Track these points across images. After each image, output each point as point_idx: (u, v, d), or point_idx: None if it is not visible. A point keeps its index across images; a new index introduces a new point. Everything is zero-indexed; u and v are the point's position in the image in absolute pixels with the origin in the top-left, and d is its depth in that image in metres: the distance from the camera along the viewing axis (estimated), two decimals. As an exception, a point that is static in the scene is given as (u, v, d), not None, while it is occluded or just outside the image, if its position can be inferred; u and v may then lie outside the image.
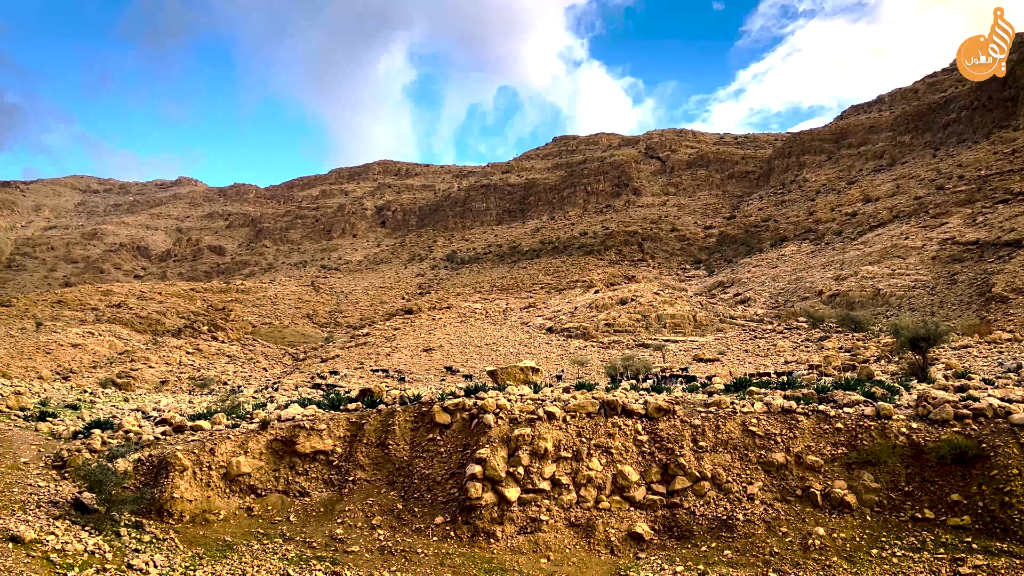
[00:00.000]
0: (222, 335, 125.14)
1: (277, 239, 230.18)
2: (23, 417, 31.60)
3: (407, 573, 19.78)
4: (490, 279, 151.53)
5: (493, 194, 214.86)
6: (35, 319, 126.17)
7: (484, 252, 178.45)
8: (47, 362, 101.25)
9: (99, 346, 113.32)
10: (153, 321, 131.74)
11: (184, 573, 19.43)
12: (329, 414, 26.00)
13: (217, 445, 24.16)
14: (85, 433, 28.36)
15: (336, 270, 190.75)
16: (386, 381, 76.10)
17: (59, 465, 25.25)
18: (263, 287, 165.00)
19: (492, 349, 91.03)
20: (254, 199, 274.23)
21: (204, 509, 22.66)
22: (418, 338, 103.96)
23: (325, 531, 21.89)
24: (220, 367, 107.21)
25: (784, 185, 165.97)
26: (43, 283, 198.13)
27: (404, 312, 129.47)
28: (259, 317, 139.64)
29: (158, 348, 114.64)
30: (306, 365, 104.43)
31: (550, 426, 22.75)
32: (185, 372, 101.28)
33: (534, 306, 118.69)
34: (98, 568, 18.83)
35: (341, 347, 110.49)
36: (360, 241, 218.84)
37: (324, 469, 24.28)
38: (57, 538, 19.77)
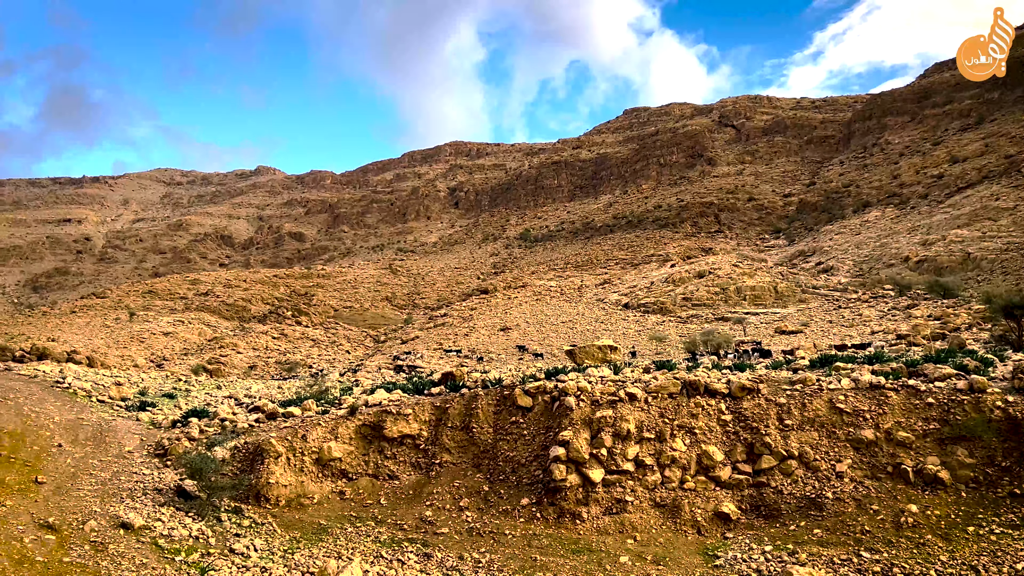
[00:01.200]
0: (305, 319, 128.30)
1: (354, 224, 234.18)
2: (125, 407, 33.16)
3: (496, 554, 20.21)
4: (564, 256, 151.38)
5: (564, 170, 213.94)
6: (128, 309, 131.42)
7: (557, 229, 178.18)
8: (141, 350, 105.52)
9: (189, 334, 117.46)
10: (239, 308, 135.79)
11: (283, 556, 20.26)
12: (414, 399, 26.60)
13: (309, 431, 25.01)
14: (183, 422, 29.64)
15: (412, 252, 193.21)
16: (465, 362, 77.05)
17: (161, 453, 26.51)
18: (343, 271, 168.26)
19: (568, 327, 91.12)
20: (330, 185, 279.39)
21: (299, 494, 23.52)
22: (494, 317, 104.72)
23: (415, 513, 22.49)
24: (305, 351, 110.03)
25: (866, 148, 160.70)
26: (134, 274, 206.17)
27: (480, 292, 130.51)
28: (340, 301, 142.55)
29: (245, 334, 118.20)
30: (387, 347, 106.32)
31: (632, 407, 22.83)
32: (272, 357, 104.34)
33: (609, 282, 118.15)
34: (203, 552, 19.78)
35: (420, 328, 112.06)
36: (434, 223, 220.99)
37: (411, 453, 24.90)
38: (164, 524, 20.82)
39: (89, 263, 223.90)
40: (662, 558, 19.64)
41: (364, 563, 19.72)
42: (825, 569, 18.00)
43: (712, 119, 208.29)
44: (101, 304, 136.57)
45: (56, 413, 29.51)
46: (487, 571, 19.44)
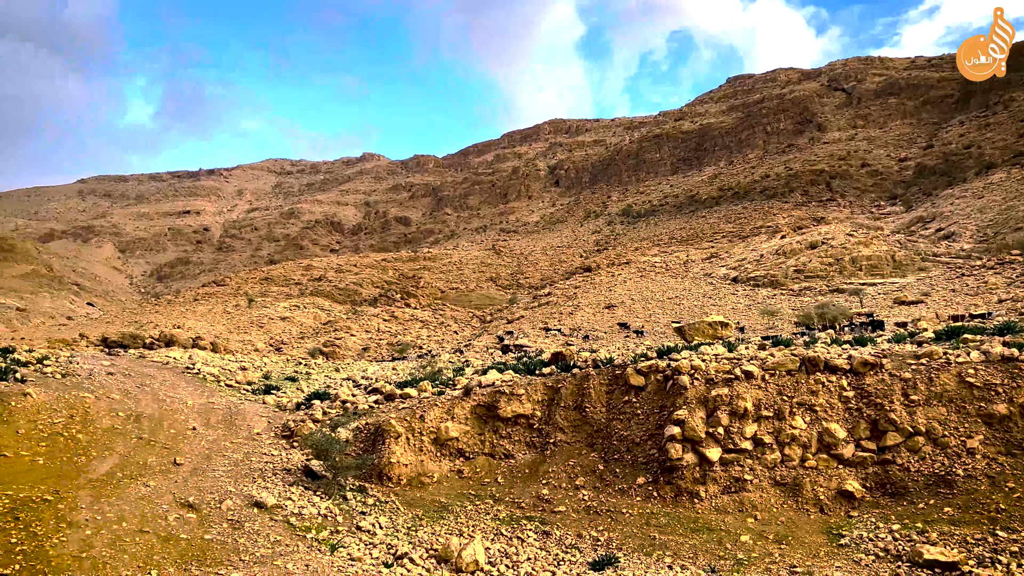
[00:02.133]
0: (414, 302, 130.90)
1: (457, 206, 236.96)
2: (251, 391, 34.74)
3: (614, 532, 20.32)
4: (668, 231, 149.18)
5: (666, 143, 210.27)
6: (247, 296, 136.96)
7: (660, 204, 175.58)
8: (261, 335, 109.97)
9: (305, 318, 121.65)
10: (351, 292, 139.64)
11: (407, 533, 20.91)
12: (526, 379, 26.89)
13: (426, 412, 25.65)
14: (307, 404, 30.86)
15: (514, 232, 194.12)
16: (570, 341, 77.12)
17: (287, 435, 27.70)
18: (448, 254, 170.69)
19: (675, 303, 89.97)
20: (433, 169, 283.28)
21: (419, 472, 24.19)
22: (599, 295, 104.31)
23: (532, 492, 22.81)
24: (414, 332, 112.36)
25: (988, 107, 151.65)
26: (250, 262, 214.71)
27: (583, 270, 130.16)
28: (446, 283, 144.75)
29: (357, 317, 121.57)
30: (492, 327, 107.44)
31: (748, 385, 22.45)
32: (383, 339, 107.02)
33: (716, 256, 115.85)
34: (332, 530, 20.63)
35: (525, 308, 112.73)
36: (535, 202, 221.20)
37: (526, 432, 25.22)
38: (294, 503, 21.80)
39: (208, 252, 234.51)
40: (784, 537, 19.33)
41: (485, 540, 20.17)
42: (958, 548, 17.37)
43: (821, 83, 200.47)
44: (221, 291, 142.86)
45: (189, 398, 31.20)
46: (606, 549, 19.58)
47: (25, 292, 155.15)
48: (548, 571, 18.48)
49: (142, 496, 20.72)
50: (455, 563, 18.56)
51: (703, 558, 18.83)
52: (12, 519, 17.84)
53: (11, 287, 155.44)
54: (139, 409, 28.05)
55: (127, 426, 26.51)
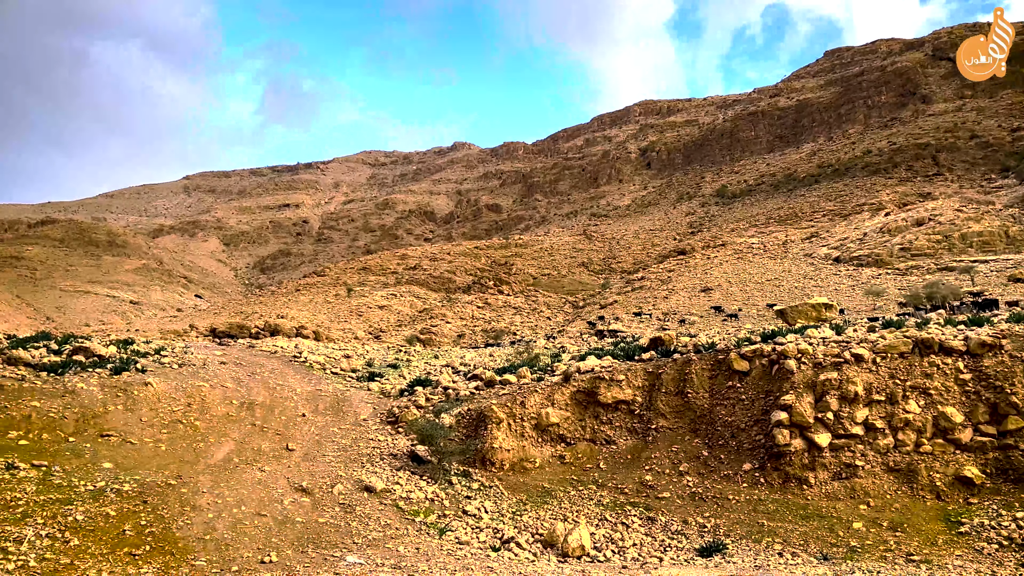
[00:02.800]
0: (507, 288, 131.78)
1: (547, 192, 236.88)
2: (356, 378, 35.68)
3: (721, 519, 20.10)
4: (765, 211, 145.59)
5: (761, 121, 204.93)
6: (346, 285, 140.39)
7: (756, 184, 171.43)
8: (360, 324, 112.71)
9: (402, 306, 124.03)
10: (445, 280, 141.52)
11: (512, 517, 21.19)
12: (625, 364, 26.79)
13: (526, 398, 25.87)
14: (409, 391, 31.52)
15: (606, 217, 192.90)
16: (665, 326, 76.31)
17: (392, 421, 28.38)
18: (539, 240, 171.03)
19: (774, 285, 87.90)
20: (523, 155, 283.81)
21: (521, 458, 24.43)
22: (694, 279, 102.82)
23: (634, 478, 22.75)
24: (508, 319, 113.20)
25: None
26: (348, 252, 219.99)
27: (677, 253, 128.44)
28: (538, 269, 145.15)
29: (452, 304, 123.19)
30: (586, 312, 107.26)
31: (858, 369, 21.79)
32: (478, 325, 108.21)
33: (817, 235, 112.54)
34: (439, 514, 21.07)
35: (618, 293, 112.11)
36: (626, 186, 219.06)
37: (626, 418, 25.14)
38: (401, 487, 22.35)
39: (308, 244, 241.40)
40: (899, 524, 18.76)
41: (590, 525, 20.26)
42: (1090, 539, 16.53)
43: (925, 53, 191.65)
44: (321, 282, 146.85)
45: (297, 385, 32.26)
46: (713, 535, 19.39)
47: (138, 286, 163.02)
48: (655, 557, 18.44)
49: (258, 481, 21.59)
50: (561, 548, 18.72)
51: (814, 545, 18.46)
52: (141, 503, 18.86)
53: (125, 281, 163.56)
54: (251, 397, 29.16)
55: (241, 413, 27.63)
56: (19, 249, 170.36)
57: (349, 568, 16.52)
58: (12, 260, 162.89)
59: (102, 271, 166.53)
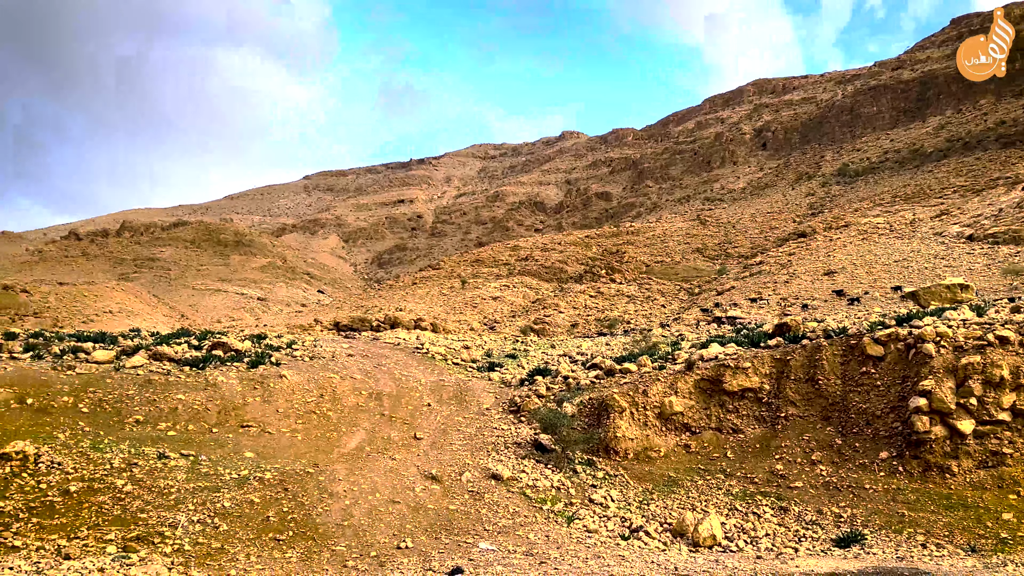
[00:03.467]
0: (619, 277, 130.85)
1: (658, 178, 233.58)
2: (476, 368, 36.23)
3: (857, 509, 19.46)
4: (890, 189, 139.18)
5: (884, 95, 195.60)
6: (460, 278, 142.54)
7: (879, 161, 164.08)
8: (475, 315, 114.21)
9: (514, 297, 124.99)
10: (556, 270, 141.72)
11: (639, 506, 21.12)
12: (751, 351, 26.21)
13: (649, 387, 25.67)
14: (529, 380, 31.77)
15: (720, 201, 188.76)
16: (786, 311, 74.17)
17: (514, 410, 28.68)
18: (651, 227, 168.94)
19: (902, 266, 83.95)
20: (632, 142, 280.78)
21: (645, 447, 24.29)
22: (816, 262, 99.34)
23: (764, 467, 22.27)
24: (621, 307, 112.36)
25: None
26: (460, 245, 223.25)
27: (797, 236, 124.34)
28: (651, 256, 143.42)
29: (564, 294, 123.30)
30: (702, 299, 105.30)
31: (1004, 352, 20.62)
32: (591, 315, 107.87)
33: (947, 213, 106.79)
34: (566, 502, 21.22)
35: (735, 278, 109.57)
36: (741, 168, 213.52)
37: (753, 406, 24.61)
38: (527, 475, 22.60)
39: (422, 238, 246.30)
40: (1054, 516, 17.72)
41: (720, 515, 19.98)
42: None
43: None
44: (436, 275, 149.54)
45: (421, 376, 33.02)
46: (850, 525, 18.79)
47: (264, 283, 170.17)
48: (790, 547, 18.02)
49: (390, 469, 22.27)
50: (692, 537, 18.54)
51: (960, 536, 17.64)
52: (282, 490, 19.75)
53: (252, 279, 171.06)
54: (378, 388, 30.04)
55: (369, 404, 28.52)
56: (154, 251, 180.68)
57: (482, 554, 16.86)
58: (148, 261, 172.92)
59: (230, 270, 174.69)
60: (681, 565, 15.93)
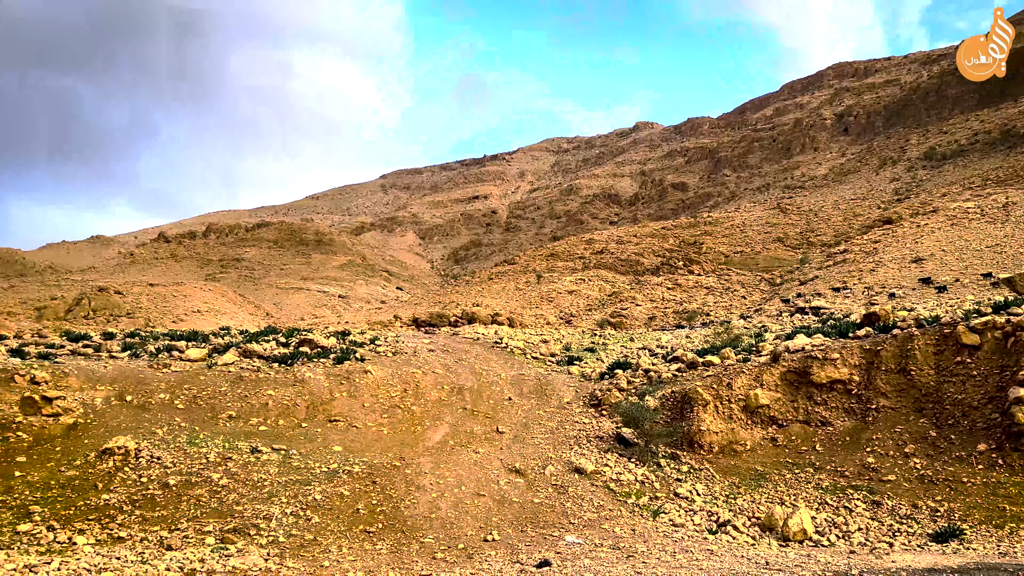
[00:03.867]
0: (697, 268, 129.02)
1: (736, 166, 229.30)
2: (555, 362, 36.28)
3: (955, 503, 18.83)
4: (981, 172, 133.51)
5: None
6: (535, 272, 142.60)
7: (969, 143, 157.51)
8: (551, 309, 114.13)
9: (590, 290, 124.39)
10: (633, 262, 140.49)
11: (726, 500, 20.86)
12: (839, 342, 25.58)
13: (733, 379, 25.31)
14: (610, 373, 31.67)
15: (800, 188, 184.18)
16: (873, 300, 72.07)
17: (595, 404, 28.65)
18: (729, 216, 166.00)
19: (995, 251, 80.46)
20: (708, 131, 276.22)
21: (730, 440, 23.96)
22: (903, 249, 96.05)
23: (855, 460, 21.73)
24: (700, 299, 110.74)
25: None
26: (535, 240, 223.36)
27: (882, 222, 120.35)
28: (730, 247, 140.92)
29: (641, 287, 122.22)
30: (783, 289, 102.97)
31: (1113, 340, 19.68)
32: (669, 307, 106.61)
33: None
34: (651, 496, 21.11)
35: (818, 267, 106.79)
36: (822, 154, 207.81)
37: (843, 398, 24.02)
38: (611, 469, 22.56)
39: (497, 234, 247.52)
40: None
41: (810, 509, 19.60)
42: None
43: None
44: (512, 270, 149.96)
45: (501, 370, 33.25)
46: (947, 520, 18.21)
47: (344, 280, 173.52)
48: (884, 542, 17.56)
49: (474, 462, 22.51)
50: (781, 531, 18.24)
51: (1068, 533, 16.91)
52: (370, 483, 20.18)
53: (333, 276, 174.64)
54: (460, 382, 30.38)
55: (452, 398, 28.88)
56: (239, 251, 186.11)
57: (569, 547, 16.92)
58: (234, 262, 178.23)
59: (312, 268, 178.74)
60: (772, 560, 15.69)
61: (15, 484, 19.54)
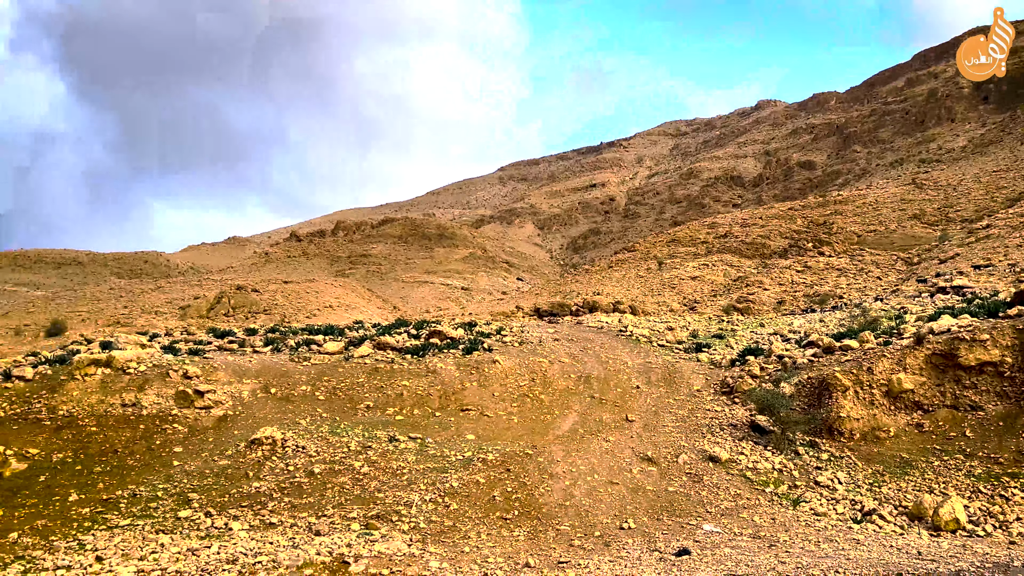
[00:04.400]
0: (828, 249, 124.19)
1: (866, 142, 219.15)
2: (683, 349, 35.81)
3: None
4: None
5: None
6: (656, 259, 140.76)
7: None
8: (673, 296, 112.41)
9: (714, 276, 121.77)
10: (758, 245, 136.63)
11: (870, 489, 20.13)
12: (988, 322, 24.20)
13: (873, 364, 24.33)
14: (741, 360, 30.99)
15: (937, 162, 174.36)
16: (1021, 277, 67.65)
17: (727, 391, 28.12)
18: (861, 194, 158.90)
19: None
20: (835, 106, 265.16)
21: (872, 427, 23.05)
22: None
23: (1010, 446, 20.53)
24: (832, 281, 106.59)
25: None
26: (655, 226, 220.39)
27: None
28: (862, 226, 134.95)
29: (768, 271, 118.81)
30: (921, 268, 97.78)
31: None
32: (798, 291, 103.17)
33: None
34: (789, 485, 20.59)
35: (959, 245, 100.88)
36: (959, 125, 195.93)
37: (994, 381, 22.71)
38: (747, 457, 22.12)
39: (615, 221, 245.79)
40: None
41: (961, 497, 18.68)
42: None
43: None
44: (632, 257, 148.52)
45: (627, 358, 33.09)
46: (1123, 512, 16.99)
47: (466, 273, 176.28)
48: (1048, 533, 16.55)
49: (605, 450, 22.54)
50: (931, 521, 17.46)
51: None
52: (505, 471, 20.51)
53: (455, 269, 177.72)
54: (586, 371, 30.44)
55: (579, 386, 28.98)
56: (366, 248, 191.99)
57: (707, 536, 16.73)
58: (361, 258, 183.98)
59: (435, 262, 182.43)
60: (924, 550, 15.05)
61: (174, 473, 20.92)
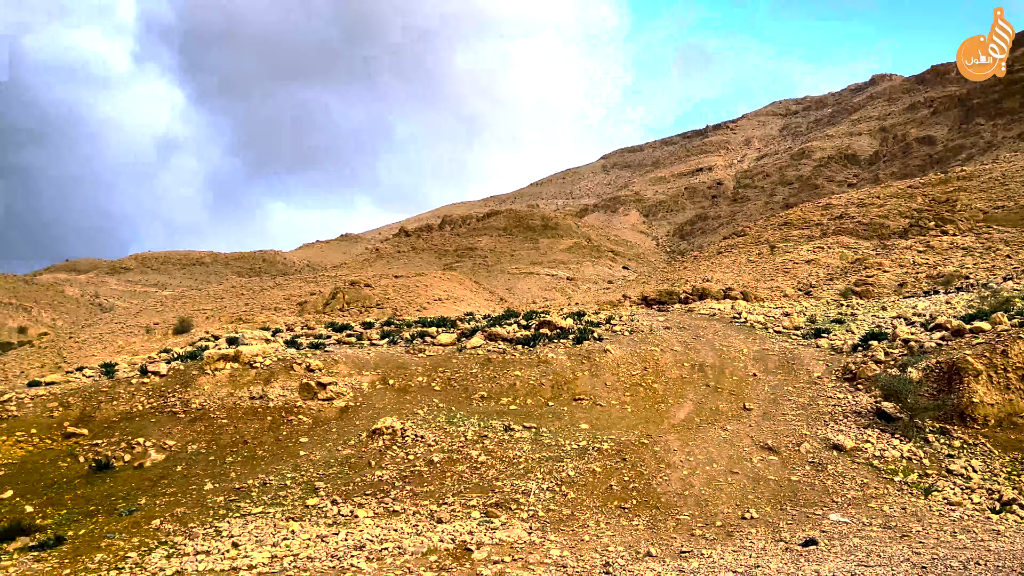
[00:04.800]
0: (951, 228, 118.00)
1: (991, 113, 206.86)
2: (800, 335, 34.73)
3: None
4: None
5: None
6: (768, 243, 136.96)
7: None
8: (787, 280, 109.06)
9: (830, 258, 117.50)
10: (876, 226, 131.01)
11: (1008, 478, 19.13)
12: None
13: (1009, 346, 23.02)
14: (863, 345, 29.83)
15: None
16: None
17: (849, 377, 27.12)
18: (986, 169, 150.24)
19: None
20: (955, 77, 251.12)
21: (1008, 412, 21.85)
22: None
23: None
24: (957, 261, 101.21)
25: None
26: (765, 209, 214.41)
27: None
28: (989, 202, 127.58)
29: (887, 252, 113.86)
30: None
31: None
32: (921, 272, 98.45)
33: None
34: (920, 473, 19.74)
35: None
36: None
37: None
38: (873, 445, 21.32)
39: (724, 206, 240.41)
40: None
41: (1113, 489, 17.50)
42: None
43: None
44: (742, 242, 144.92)
45: (742, 345, 32.33)
46: None
47: (571, 263, 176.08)
48: None
49: (723, 439, 22.13)
50: (1080, 513, 16.42)
51: None
52: (620, 460, 20.44)
53: (560, 260, 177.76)
54: (700, 359, 29.92)
55: (693, 375, 28.52)
56: (472, 241, 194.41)
57: (835, 526, 16.22)
58: (468, 251, 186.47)
59: (540, 253, 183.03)
60: (1073, 543, 14.19)
61: (301, 462, 21.75)
